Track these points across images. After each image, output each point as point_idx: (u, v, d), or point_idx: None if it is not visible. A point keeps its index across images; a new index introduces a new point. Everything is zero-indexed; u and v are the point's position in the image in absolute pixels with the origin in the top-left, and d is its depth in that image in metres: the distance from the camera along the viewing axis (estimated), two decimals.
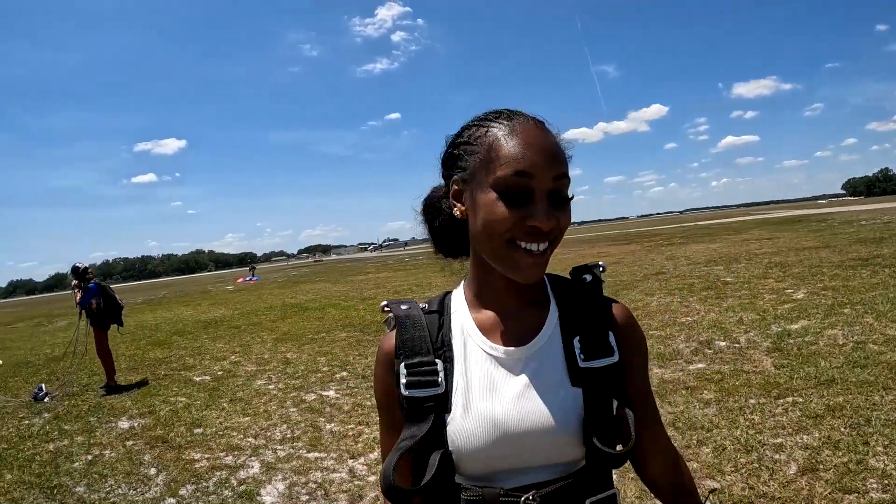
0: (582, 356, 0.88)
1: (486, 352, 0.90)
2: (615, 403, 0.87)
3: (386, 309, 0.97)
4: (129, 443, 5.29)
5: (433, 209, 1.04)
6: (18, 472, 4.84)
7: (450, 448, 0.85)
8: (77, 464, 4.87)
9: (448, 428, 0.85)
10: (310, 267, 58.47)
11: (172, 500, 3.90)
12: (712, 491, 0.81)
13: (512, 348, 0.90)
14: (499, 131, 0.86)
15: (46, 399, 7.56)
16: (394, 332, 0.94)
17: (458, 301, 0.97)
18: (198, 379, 7.76)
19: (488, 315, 0.93)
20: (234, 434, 5.14)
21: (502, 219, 0.82)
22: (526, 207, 0.82)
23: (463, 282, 1.01)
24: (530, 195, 0.82)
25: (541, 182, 0.82)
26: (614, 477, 0.94)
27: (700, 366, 5.22)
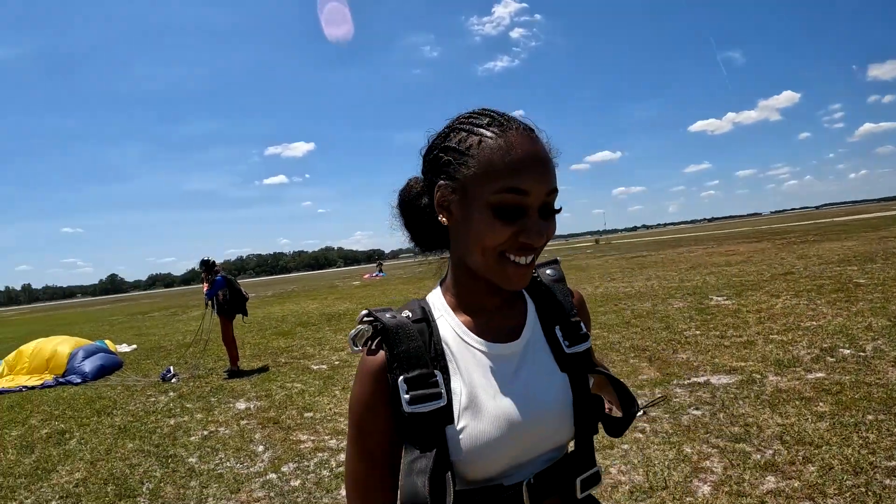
0: (566, 343, 0.92)
1: (482, 352, 0.89)
2: (591, 381, 0.94)
3: (367, 318, 0.88)
4: (243, 422, 5.66)
5: (410, 206, 1.01)
6: (139, 442, 5.34)
7: (460, 457, 0.82)
8: (193, 438, 5.29)
9: (460, 436, 0.82)
10: (436, 264, 59.93)
11: (274, 476, 4.13)
12: (663, 398, 0.77)
13: (505, 344, 0.90)
14: (493, 142, 0.83)
15: (174, 380, 8.25)
16: (375, 344, 0.87)
17: (439, 306, 0.95)
18: (315, 367, 8.09)
19: (475, 317, 0.93)
20: (342, 420, 5.34)
21: (497, 235, 0.82)
22: (518, 223, 0.81)
23: (439, 287, 0.99)
24: (524, 211, 0.82)
25: (535, 199, 0.81)
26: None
27: (819, 375, 4.82)
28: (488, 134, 0.83)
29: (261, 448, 4.79)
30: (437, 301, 0.95)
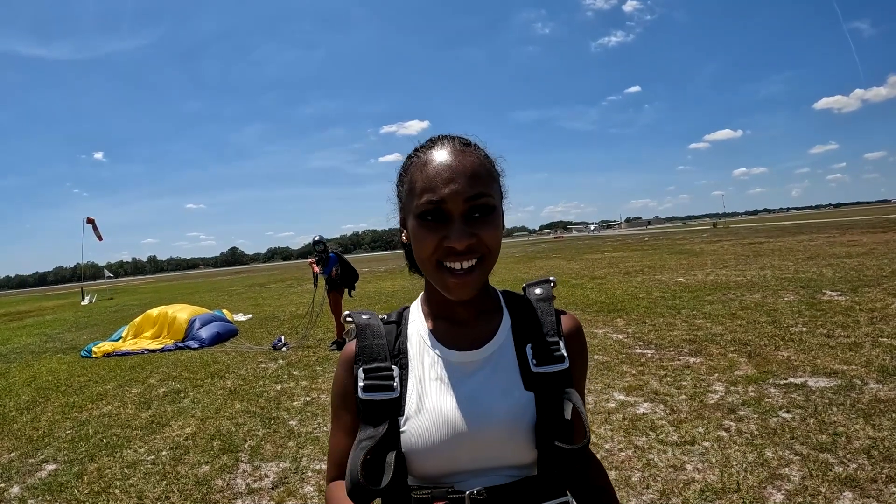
0: (534, 361, 0.94)
1: (439, 356, 0.96)
2: (569, 408, 0.91)
3: (348, 319, 1.03)
4: None
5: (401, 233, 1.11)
6: (246, 404, 5.84)
7: (403, 449, 0.90)
8: (296, 403, 5.71)
9: (402, 429, 0.91)
10: (549, 243, 59.29)
11: None
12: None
13: (465, 352, 0.96)
14: (419, 161, 0.93)
15: (284, 349, 8.86)
16: (352, 339, 1.00)
17: (416, 312, 1.04)
18: None
19: (442, 324, 1.00)
20: None
21: (425, 243, 0.89)
22: (443, 230, 0.87)
23: (420, 295, 1.07)
24: (446, 217, 0.88)
25: (453, 205, 0.87)
26: None
27: None
28: (418, 155, 0.95)
29: None
30: (415, 308, 1.05)
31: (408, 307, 1.08)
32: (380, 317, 1.04)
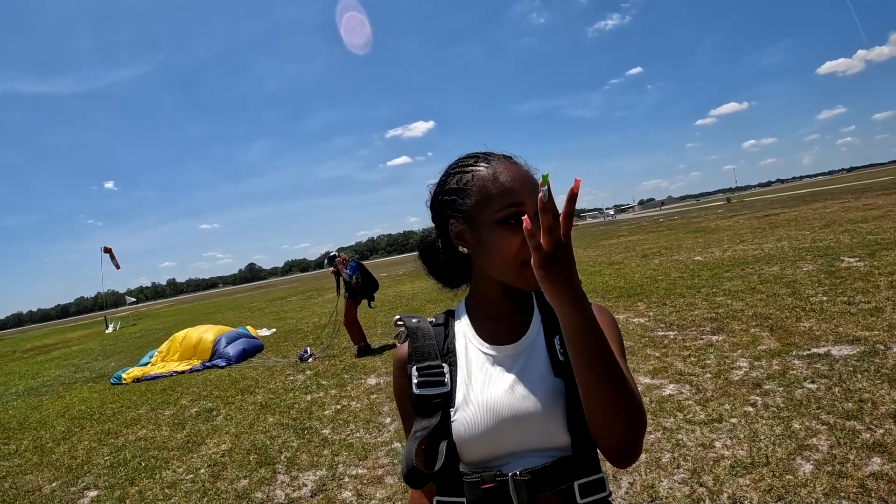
0: (562, 351, 1.01)
1: (483, 352, 1.06)
2: None
3: (399, 323, 1.14)
4: (373, 396, 6.12)
5: (431, 251, 1.21)
6: (279, 416, 5.95)
7: (454, 437, 0.99)
8: (327, 412, 5.81)
9: (453, 419, 1.00)
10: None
11: (398, 445, 4.50)
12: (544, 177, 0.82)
13: (504, 346, 1.05)
14: (485, 173, 1.03)
15: (310, 360, 8.97)
16: (407, 341, 1.10)
17: (460, 314, 1.15)
18: None
19: (485, 322, 1.10)
20: None
21: (512, 247, 0.98)
22: (521, 232, 0.95)
23: (464, 299, 1.17)
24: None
25: (530, 208, 0.97)
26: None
27: None
28: (478, 168, 1.04)
29: (388, 420, 5.20)
30: (461, 309, 1.16)
31: (453, 310, 1.18)
32: (428, 320, 1.14)
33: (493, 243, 1.00)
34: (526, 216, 0.87)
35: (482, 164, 1.05)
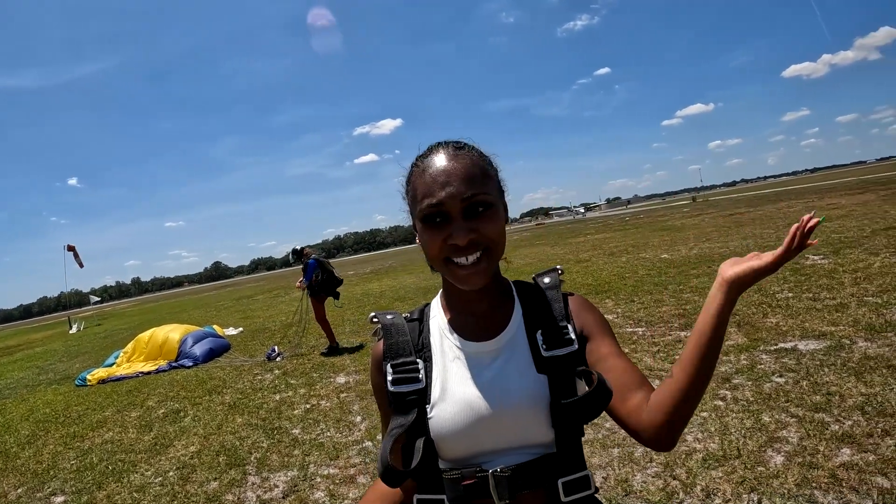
0: (544, 346, 1.00)
1: (460, 347, 1.04)
2: (581, 386, 0.97)
3: (374, 320, 1.13)
4: (343, 395, 6.06)
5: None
6: (248, 417, 5.85)
7: (432, 434, 0.98)
8: (297, 411, 5.73)
9: (429, 415, 0.99)
10: (531, 230, 59.39)
11: (370, 443, 4.46)
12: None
13: (482, 342, 1.03)
14: (418, 169, 1.02)
15: (278, 359, 8.85)
16: (380, 338, 1.10)
17: (436, 308, 1.13)
18: None
19: (460, 317, 1.08)
20: None
21: (432, 244, 0.97)
22: (446, 229, 0.95)
23: (439, 293, 1.15)
24: (448, 218, 0.96)
25: (451, 207, 0.95)
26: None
27: None
28: (417, 164, 1.04)
29: (358, 418, 5.15)
30: (435, 304, 1.14)
31: (429, 304, 1.16)
32: (403, 315, 1.13)
33: (423, 240, 1.01)
34: None
35: (421, 159, 1.03)
